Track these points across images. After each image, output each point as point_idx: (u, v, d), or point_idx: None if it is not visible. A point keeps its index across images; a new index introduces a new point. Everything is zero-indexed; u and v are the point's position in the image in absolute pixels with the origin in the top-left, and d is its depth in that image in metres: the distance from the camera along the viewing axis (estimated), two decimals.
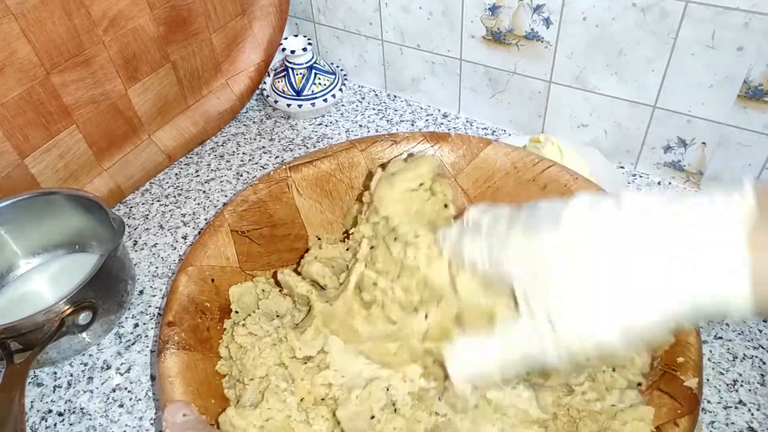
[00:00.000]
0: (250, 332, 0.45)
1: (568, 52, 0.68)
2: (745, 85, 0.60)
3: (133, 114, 0.71)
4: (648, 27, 0.62)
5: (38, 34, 0.58)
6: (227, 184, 0.75)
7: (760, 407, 0.49)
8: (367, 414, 0.39)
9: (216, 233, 0.51)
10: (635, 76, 0.66)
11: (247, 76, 0.83)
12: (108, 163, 0.71)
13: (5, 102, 0.58)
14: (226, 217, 0.52)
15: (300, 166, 0.57)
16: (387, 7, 0.79)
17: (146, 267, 0.65)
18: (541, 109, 0.75)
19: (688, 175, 0.69)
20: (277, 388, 0.41)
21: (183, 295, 0.47)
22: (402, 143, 0.59)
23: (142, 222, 0.71)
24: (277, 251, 0.55)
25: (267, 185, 0.56)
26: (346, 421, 0.39)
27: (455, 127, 0.82)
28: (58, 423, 0.52)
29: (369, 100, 0.88)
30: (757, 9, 0.55)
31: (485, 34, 0.73)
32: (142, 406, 0.53)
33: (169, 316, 0.45)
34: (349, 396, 0.40)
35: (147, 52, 0.69)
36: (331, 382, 0.41)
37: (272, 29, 0.83)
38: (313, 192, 0.57)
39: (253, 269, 0.53)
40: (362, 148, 0.58)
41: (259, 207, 0.55)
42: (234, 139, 0.82)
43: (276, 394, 0.41)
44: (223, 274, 0.50)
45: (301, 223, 0.57)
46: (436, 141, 0.59)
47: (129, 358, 0.56)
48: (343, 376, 0.41)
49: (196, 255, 0.50)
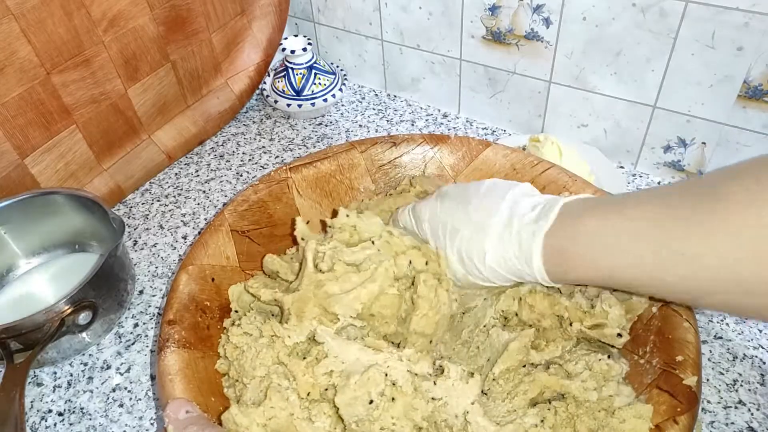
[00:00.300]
0: (245, 332, 0.45)
1: (568, 52, 0.68)
2: (744, 85, 0.60)
3: (133, 114, 0.71)
4: (648, 27, 0.62)
5: (38, 34, 0.58)
6: (227, 184, 0.75)
7: (760, 407, 0.49)
8: (366, 399, 0.40)
9: (216, 233, 0.52)
10: (635, 75, 0.66)
11: (246, 75, 0.83)
12: (108, 163, 0.71)
13: (5, 102, 0.58)
14: (226, 217, 0.53)
15: (300, 166, 0.57)
16: (387, 7, 0.79)
17: (146, 267, 0.65)
18: (541, 108, 0.75)
19: (688, 175, 0.70)
20: (279, 387, 0.41)
21: (183, 294, 0.47)
22: (402, 145, 0.59)
23: (142, 222, 0.71)
24: (277, 251, 0.55)
25: (267, 185, 0.56)
26: (344, 407, 0.39)
27: (455, 126, 0.82)
28: (58, 423, 0.52)
29: (369, 99, 0.88)
30: (757, 9, 0.55)
31: (485, 33, 0.73)
32: (142, 405, 0.53)
33: (170, 315, 0.45)
34: (348, 382, 0.40)
35: (147, 52, 0.69)
36: (332, 369, 0.41)
37: (272, 29, 0.83)
38: (312, 192, 0.58)
39: (253, 269, 0.53)
40: (362, 149, 0.59)
41: (259, 207, 0.55)
42: (234, 139, 0.82)
43: (279, 392, 0.41)
44: (224, 273, 0.51)
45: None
46: (435, 143, 0.59)
47: (129, 357, 0.56)
48: (342, 362, 0.42)
49: (197, 254, 0.50)
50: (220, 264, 0.51)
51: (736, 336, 0.54)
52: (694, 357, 0.40)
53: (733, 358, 0.52)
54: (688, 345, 0.41)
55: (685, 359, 0.40)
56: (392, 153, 0.59)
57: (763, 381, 0.51)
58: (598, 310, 0.44)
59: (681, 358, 0.40)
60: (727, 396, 0.50)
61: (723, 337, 0.54)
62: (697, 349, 0.40)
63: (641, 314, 0.45)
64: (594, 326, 0.44)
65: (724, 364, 0.52)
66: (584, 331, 0.44)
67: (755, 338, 0.54)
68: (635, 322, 0.45)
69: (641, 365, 0.43)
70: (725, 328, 0.54)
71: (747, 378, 0.51)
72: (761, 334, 0.54)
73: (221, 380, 0.45)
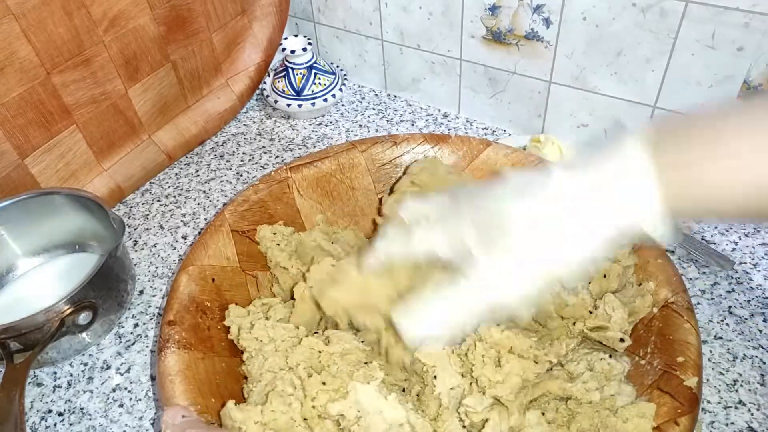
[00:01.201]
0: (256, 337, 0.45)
1: (568, 52, 0.68)
2: (745, 85, 0.60)
3: (133, 114, 0.71)
4: (648, 27, 0.62)
5: (39, 34, 0.58)
6: (227, 184, 0.75)
7: (760, 407, 0.49)
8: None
9: (216, 233, 0.52)
10: (635, 75, 0.66)
11: (247, 75, 0.83)
12: (108, 163, 0.71)
13: (6, 102, 0.58)
14: (226, 217, 0.53)
15: (300, 166, 0.57)
16: (387, 7, 0.79)
17: (146, 267, 0.65)
18: (541, 108, 0.75)
19: None
20: (283, 392, 0.41)
21: (184, 295, 0.47)
22: (402, 144, 0.59)
23: (142, 222, 0.71)
24: None
25: (268, 185, 0.56)
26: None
27: (455, 126, 0.82)
28: (58, 423, 0.52)
29: (369, 99, 0.88)
30: (757, 9, 0.55)
31: (485, 33, 0.73)
32: (142, 406, 0.53)
33: (170, 315, 0.45)
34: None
35: (147, 52, 0.69)
36: (344, 415, 0.40)
37: (272, 29, 0.83)
38: (313, 192, 0.57)
39: (254, 269, 0.53)
40: (363, 149, 0.59)
41: (259, 207, 0.55)
42: (234, 139, 0.82)
43: (281, 397, 0.41)
44: (224, 273, 0.51)
45: (301, 224, 0.57)
46: (436, 142, 0.59)
47: (129, 358, 0.56)
48: (359, 411, 0.40)
49: (197, 255, 0.50)
50: (221, 264, 0.51)
51: (736, 336, 0.54)
52: (695, 358, 0.40)
53: (733, 358, 0.52)
54: (689, 346, 0.41)
55: (686, 360, 0.40)
56: (393, 152, 0.59)
57: (763, 381, 0.51)
58: (601, 312, 0.44)
59: (682, 359, 0.40)
60: (727, 396, 0.50)
61: (723, 337, 0.54)
62: (698, 350, 0.40)
63: (643, 317, 0.45)
64: (596, 328, 0.44)
65: (724, 364, 0.52)
66: (586, 332, 0.44)
67: (755, 338, 0.54)
68: (636, 322, 0.45)
69: (642, 366, 0.43)
70: (725, 328, 0.54)
71: (747, 378, 0.51)
72: (761, 334, 0.54)
73: (222, 381, 0.45)
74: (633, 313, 0.45)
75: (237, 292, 0.51)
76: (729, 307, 0.56)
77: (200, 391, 0.42)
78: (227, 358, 0.46)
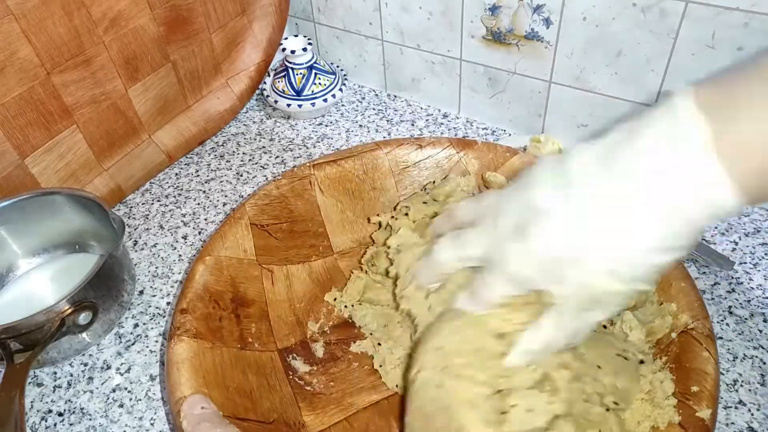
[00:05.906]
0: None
1: (568, 52, 0.68)
2: None
3: (133, 114, 0.71)
4: (648, 27, 0.62)
5: (39, 34, 0.58)
6: (227, 184, 0.75)
7: (760, 407, 0.49)
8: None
9: (236, 225, 0.52)
10: (635, 75, 0.66)
11: (247, 76, 0.83)
12: (108, 163, 0.71)
13: (6, 102, 0.58)
14: (246, 210, 0.53)
15: (324, 164, 0.57)
16: (387, 7, 0.79)
17: (146, 267, 0.65)
18: (541, 108, 0.75)
19: None
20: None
21: (198, 284, 0.47)
22: (427, 148, 0.59)
23: (142, 222, 0.71)
24: (295, 247, 0.55)
25: (290, 181, 0.56)
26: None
27: (455, 127, 0.82)
28: (58, 423, 0.52)
29: (369, 100, 0.88)
30: (757, 9, 0.55)
31: (485, 33, 0.73)
32: (142, 406, 0.53)
33: (183, 303, 0.45)
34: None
35: (147, 52, 0.69)
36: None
37: (272, 29, 0.83)
38: (335, 191, 0.57)
39: (270, 263, 0.53)
40: (387, 150, 0.58)
41: (280, 202, 0.55)
42: (234, 139, 0.82)
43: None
44: (240, 266, 0.51)
45: (321, 221, 0.57)
46: (462, 147, 0.58)
47: (129, 358, 0.56)
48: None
49: (215, 245, 0.50)
50: (237, 257, 0.51)
51: (736, 336, 0.54)
52: (711, 389, 0.38)
53: (733, 358, 0.52)
54: (706, 377, 0.39)
55: (701, 390, 0.38)
56: (417, 155, 0.59)
57: (763, 381, 0.51)
58: (618, 330, 0.43)
59: (696, 388, 0.39)
60: (727, 396, 0.50)
61: (723, 337, 0.54)
62: (715, 381, 0.39)
63: (660, 338, 0.43)
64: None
65: (724, 364, 0.52)
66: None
67: (755, 338, 0.54)
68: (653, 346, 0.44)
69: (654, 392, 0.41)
70: (725, 328, 0.54)
71: (747, 378, 0.51)
72: (761, 334, 0.54)
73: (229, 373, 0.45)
74: (651, 333, 0.43)
75: (251, 285, 0.51)
76: (729, 307, 0.56)
77: (205, 381, 0.42)
78: (235, 350, 0.47)
